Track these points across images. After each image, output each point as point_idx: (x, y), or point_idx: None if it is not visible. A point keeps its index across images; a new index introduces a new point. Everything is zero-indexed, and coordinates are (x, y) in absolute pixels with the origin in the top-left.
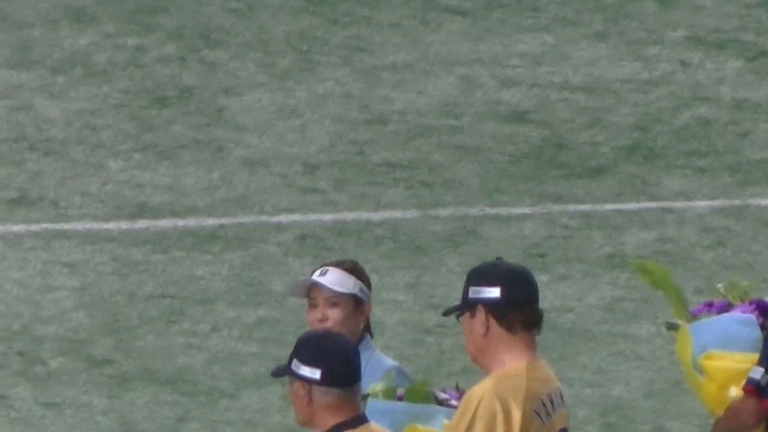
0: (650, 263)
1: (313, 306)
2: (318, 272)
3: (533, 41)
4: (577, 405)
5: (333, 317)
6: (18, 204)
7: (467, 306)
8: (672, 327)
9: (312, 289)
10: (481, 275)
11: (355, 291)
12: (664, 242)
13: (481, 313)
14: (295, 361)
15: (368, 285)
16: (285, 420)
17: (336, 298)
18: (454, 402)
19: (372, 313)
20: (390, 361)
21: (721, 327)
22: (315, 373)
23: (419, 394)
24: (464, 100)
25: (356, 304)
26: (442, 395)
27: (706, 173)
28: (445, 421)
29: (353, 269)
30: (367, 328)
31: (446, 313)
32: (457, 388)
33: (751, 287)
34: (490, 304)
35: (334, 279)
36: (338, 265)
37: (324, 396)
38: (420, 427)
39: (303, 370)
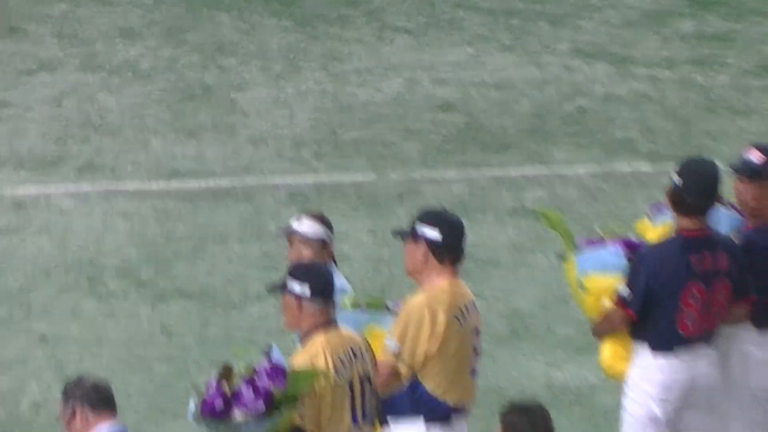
0: (550, 211)
1: (290, 245)
2: (295, 221)
3: (459, 52)
4: (490, 314)
5: (306, 254)
6: (85, 170)
7: (413, 236)
8: (562, 258)
9: (291, 234)
10: (429, 217)
11: (322, 236)
12: (553, 198)
13: (422, 246)
14: (289, 281)
15: (331, 230)
16: (278, 324)
17: (307, 240)
18: (399, 308)
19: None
20: (344, 282)
21: (598, 257)
22: (305, 289)
23: (377, 304)
24: (409, 96)
25: (323, 244)
26: (392, 306)
27: (584, 147)
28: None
29: (321, 219)
30: (332, 259)
31: (395, 234)
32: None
33: (619, 230)
34: (431, 242)
35: (306, 226)
36: (309, 215)
37: (310, 306)
38: (376, 329)
39: (295, 287)
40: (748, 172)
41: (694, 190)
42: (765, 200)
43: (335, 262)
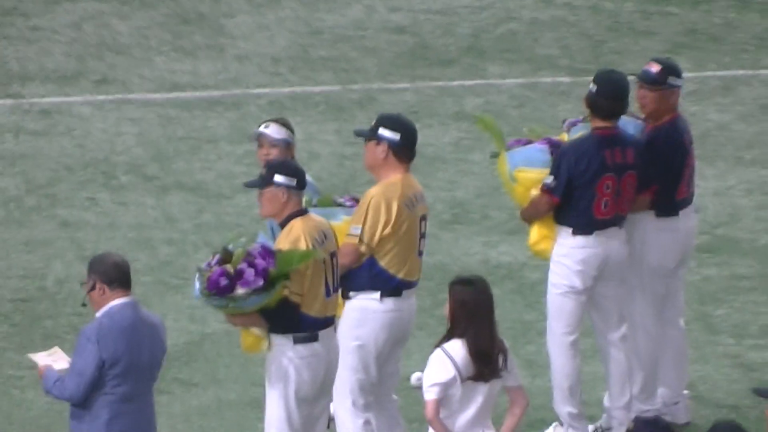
0: (484, 116)
1: (260, 146)
2: (263, 125)
3: None
4: (436, 203)
5: (273, 153)
6: (101, 84)
7: (375, 137)
8: (494, 155)
9: (260, 137)
10: (391, 121)
11: (287, 137)
12: (488, 105)
13: (383, 145)
14: (277, 175)
15: (293, 132)
16: (258, 213)
17: (275, 142)
18: (348, 204)
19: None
20: (311, 180)
21: (526, 153)
22: (292, 181)
23: (326, 201)
24: (368, 20)
25: (287, 145)
26: (340, 200)
27: (514, 63)
28: (344, 217)
29: (285, 124)
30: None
31: (358, 134)
32: (356, 199)
33: (544, 131)
34: (391, 142)
35: (272, 130)
36: (276, 121)
37: (295, 196)
38: (331, 221)
39: (283, 180)
40: (648, 79)
41: (608, 95)
42: (661, 104)
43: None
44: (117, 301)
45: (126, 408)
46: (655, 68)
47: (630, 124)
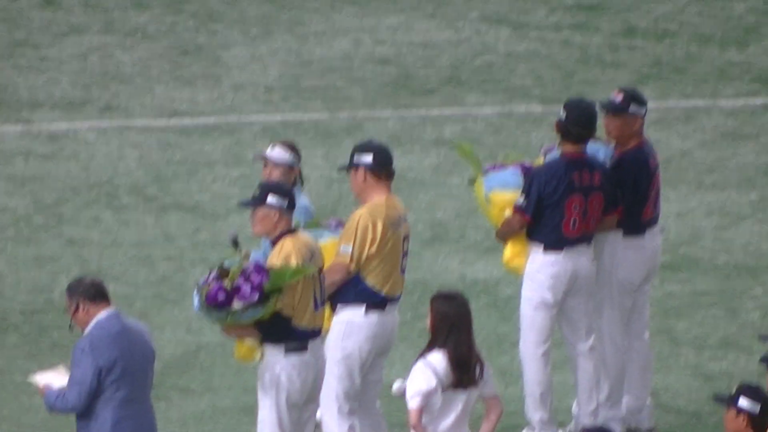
0: (463, 142)
1: (264, 166)
2: (270, 147)
3: (394, 18)
4: (417, 223)
5: (275, 174)
6: (105, 111)
7: (353, 166)
8: (472, 181)
9: (264, 157)
10: (362, 148)
11: (290, 161)
12: (466, 132)
13: (361, 171)
14: (270, 196)
15: (299, 156)
16: (250, 231)
17: (277, 163)
18: (333, 225)
19: (303, 171)
20: (304, 201)
21: (500, 178)
22: (284, 203)
23: (314, 225)
24: (354, 52)
25: (290, 167)
26: (326, 222)
27: (490, 93)
28: (329, 237)
29: (291, 146)
30: (300, 179)
31: (341, 168)
32: (341, 222)
33: (518, 157)
34: (366, 165)
35: (276, 152)
36: (283, 143)
37: (286, 216)
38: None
39: (275, 201)
40: (611, 107)
41: (576, 121)
42: (625, 130)
43: (302, 182)
44: (102, 313)
45: (128, 411)
46: (618, 97)
47: (602, 149)
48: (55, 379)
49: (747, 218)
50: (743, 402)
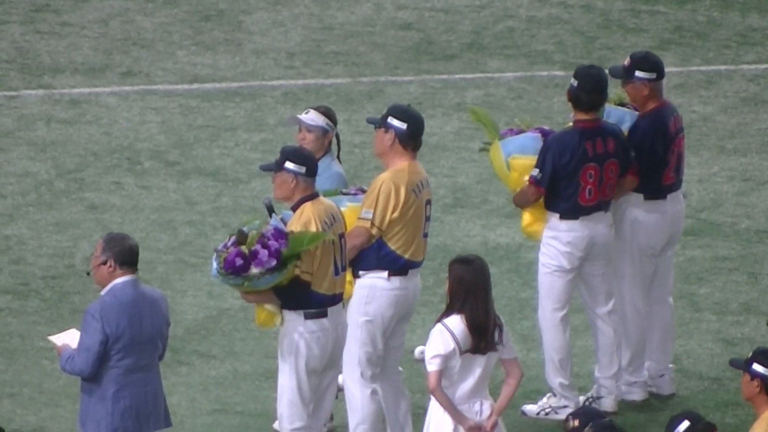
0: (477, 107)
1: (299, 130)
2: (304, 112)
3: None
4: (439, 188)
5: (308, 138)
6: (126, 76)
7: (384, 126)
8: (484, 148)
9: (298, 121)
10: (398, 111)
11: (323, 125)
12: (488, 96)
13: (391, 134)
14: (287, 162)
15: (334, 122)
16: (272, 195)
17: (310, 128)
18: (352, 192)
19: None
20: (336, 168)
21: (519, 141)
22: (301, 169)
23: (334, 192)
24: (376, 17)
25: (323, 132)
26: (346, 191)
27: (512, 58)
28: (348, 203)
29: (325, 112)
30: (337, 146)
31: (369, 121)
32: (361, 189)
33: (532, 122)
34: (399, 131)
35: (310, 117)
36: (317, 108)
37: (303, 182)
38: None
39: (293, 167)
40: (615, 73)
41: (587, 89)
42: (636, 95)
43: (339, 149)
44: (120, 280)
45: (131, 380)
46: (626, 63)
47: (628, 114)
48: (72, 340)
49: None
50: (757, 367)
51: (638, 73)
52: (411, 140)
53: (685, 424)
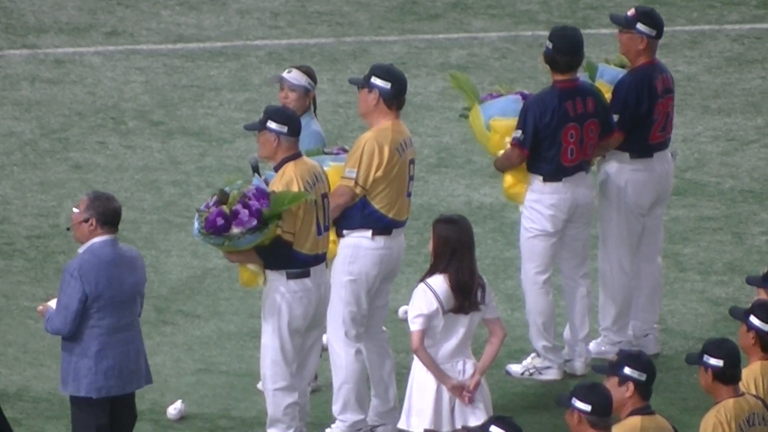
0: (458, 73)
1: (281, 89)
2: (286, 71)
3: None
4: (423, 148)
5: (291, 97)
6: (111, 35)
7: (368, 85)
8: (463, 115)
9: (281, 80)
10: (382, 71)
11: (305, 84)
12: (471, 56)
13: (375, 93)
14: (270, 121)
15: (315, 81)
16: (256, 154)
17: (293, 87)
18: (334, 152)
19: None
20: (314, 126)
21: (500, 105)
22: (283, 128)
23: (317, 152)
24: None
25: (306, 91)
26: (328, 150)
27: (496, 17)
28: (331, 163)
29: (306, 71)
30: (313, 105)
31: (352, 81)
32: (343, 148)
33: (513, 87)
34: (382, 91)
35: (293, 76)
36: (298, 68)
37: (285, 141)
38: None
39: (275, 126)
40: (617, 21)
41: (563, 50)
42: (631, 47)
43: (315, 108)
44: (99, 239)
45: (113, 339)
46: (630, 12)
47: (621, 74)
48: (54, 302)
49: (753, 143)
50: (755, 320)
51: (639, 26)
52: (395, 99)
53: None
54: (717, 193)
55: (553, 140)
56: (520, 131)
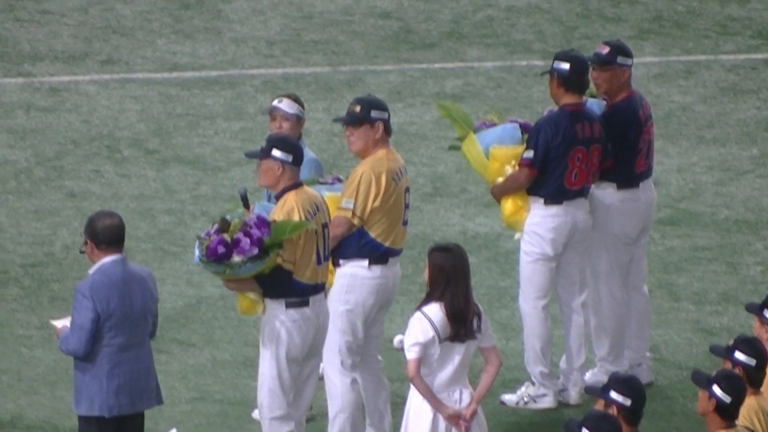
0: (447, 103)
1: (273, 119)
2: (277, 100)
3: None
4: (418, 177)
5: (285, 126)
6: (106, 64)
7: (372, 121)
8: (454, 146)
9: (273, 110)
10: (377, 105)
11: (297, 111)
12: (466, 86)
13: (378, 125)
14: (274, 149)
15: (303, 108)
16: (254, 184)
17: (287, 116)
18: (329, 182)
19: (304, 126)
20: (310, 154)
21: (498, 132)
22: (288, 157)
23: (312, 181)
24: (356, 6)
25: (297, 118)
26: (323, 179)
27: (491, 47)
28: (326, 193)
29: (296, 99)
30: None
31: (347, 123)
32: (338, 178)
33: (500, 117)
34: (384, 121)
35: (285, 104)
36: (288, 96)
37: (289, 170)
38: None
39: (280, 155)
40: (598, 60)
41: (579, 71)
42: (613, 82)
43: (301, 135)
44: (107, 259)
45: (125, 357)
46: (605, 50)
47: (595, 104)
48: (60, 321)
49: (747, 173)
50: (739, 355)
51: (620, 59)
52: (388, 128)
53: None
54: (712, 223)
55: (560, 161)
56: (531, 151)
